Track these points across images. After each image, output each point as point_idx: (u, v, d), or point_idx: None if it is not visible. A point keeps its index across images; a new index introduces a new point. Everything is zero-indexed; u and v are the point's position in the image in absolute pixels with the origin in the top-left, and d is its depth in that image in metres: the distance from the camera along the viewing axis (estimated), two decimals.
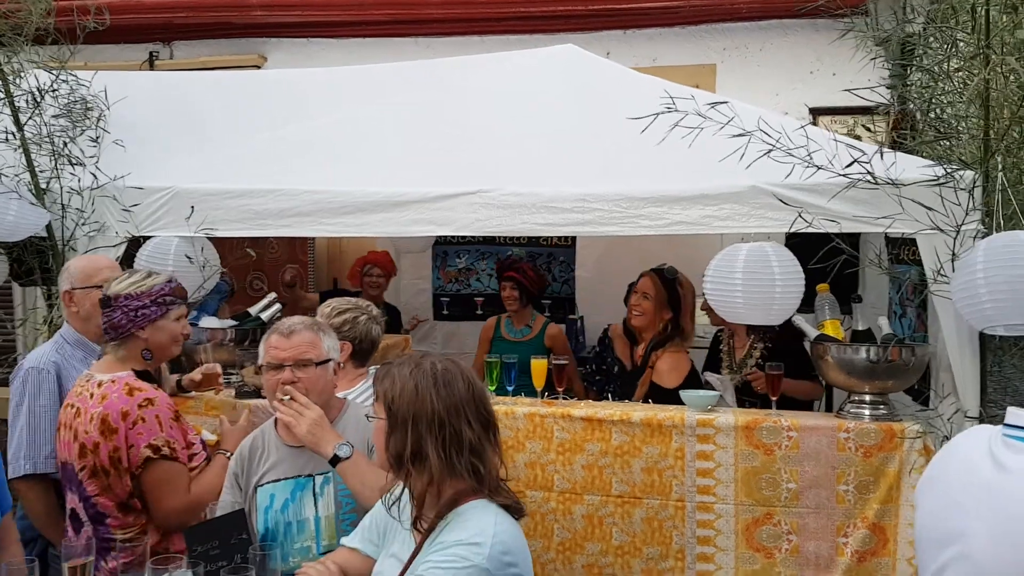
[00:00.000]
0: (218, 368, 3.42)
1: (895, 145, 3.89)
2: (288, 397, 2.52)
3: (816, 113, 6.55)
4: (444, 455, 1.93)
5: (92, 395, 2.63)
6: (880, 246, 4.11)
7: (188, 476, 2.70)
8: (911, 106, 5.14)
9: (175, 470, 2.66)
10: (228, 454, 2.79)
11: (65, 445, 2.66)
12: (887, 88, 5.66)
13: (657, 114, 3.07)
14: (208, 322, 3.87)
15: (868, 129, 5.68)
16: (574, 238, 6.13)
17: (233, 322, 3.88)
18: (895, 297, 4.27)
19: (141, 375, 2.72)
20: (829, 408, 4.35)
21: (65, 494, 2.73)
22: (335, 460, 2.46)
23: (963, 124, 3.89)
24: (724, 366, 4.14)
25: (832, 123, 6.47)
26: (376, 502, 2.29)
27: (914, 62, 5.22)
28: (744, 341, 4.10)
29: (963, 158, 3.31)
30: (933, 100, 4.13)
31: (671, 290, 4.09)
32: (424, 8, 6.58)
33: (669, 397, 3.74)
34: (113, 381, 2.64)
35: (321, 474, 2.54)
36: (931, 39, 4.72)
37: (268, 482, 2.57)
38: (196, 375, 3.44)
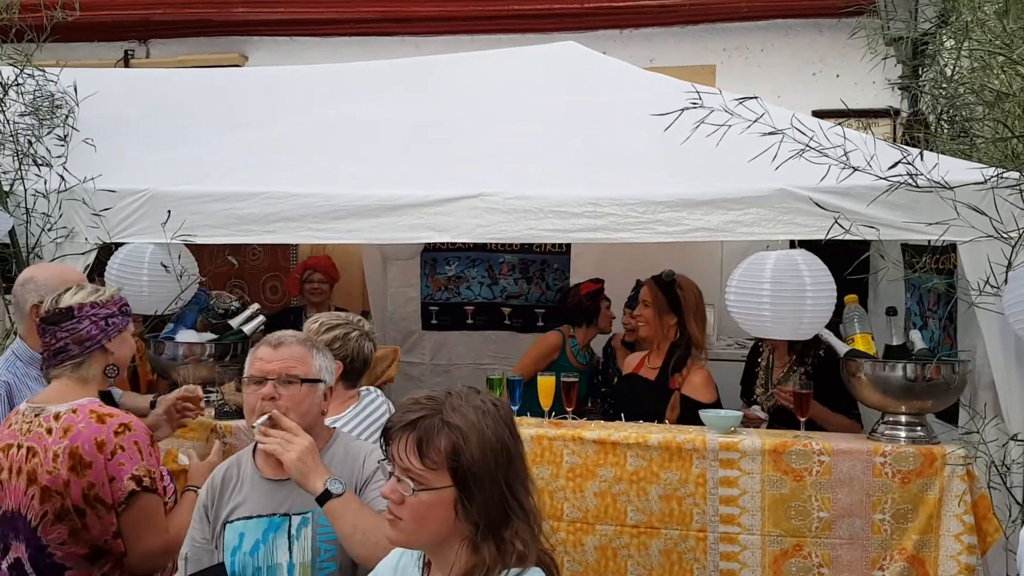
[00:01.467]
0: (199, 390, 3.12)
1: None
2: (267, 418, 2.19)
3: (819, 116, 6.34)
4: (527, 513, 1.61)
5: (51, 431, 2.32)
6: (896, 254, 3.90)
7: (164, 511, 2.41)
8: (923, 107, 4.96)
9: (156, 504, 2.38)
10: (197, 490, 2.50)
11: (12, 492, 2.33)
12: (900, 89, 5.50)
13: (683, 109, 2.83)
14: (185, 336, 3.56)
15: (867, 131, 5.50)
16: (569, 244, 5.87)
17: (213, 336, 3.58)
18: (915, 309, 4.04)
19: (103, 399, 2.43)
20: None
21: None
22: (325, 497, 2.13)
23: (980, 125, 3.69)
24: (759, 383, 3.87)
25: (835, 126, 6.28)
26: (368, 551, 2.01)
27: (927, 62, 5.05)
28: (785, 359, 3.79)
29: (1000, 159, 3.09)
30: (955, 101, 3.93)
31: (670, 294, 3.85)
32: (413, 5, 6.32)
33: None
34: (74, 411, 2.33)
35: (299, 514, 2.21)
36: (945, 39, 4.54)
37: (238, 518, 2.24)
38: (172, 398, 3.13)
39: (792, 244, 3.27)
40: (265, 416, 2.19)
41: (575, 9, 6.23)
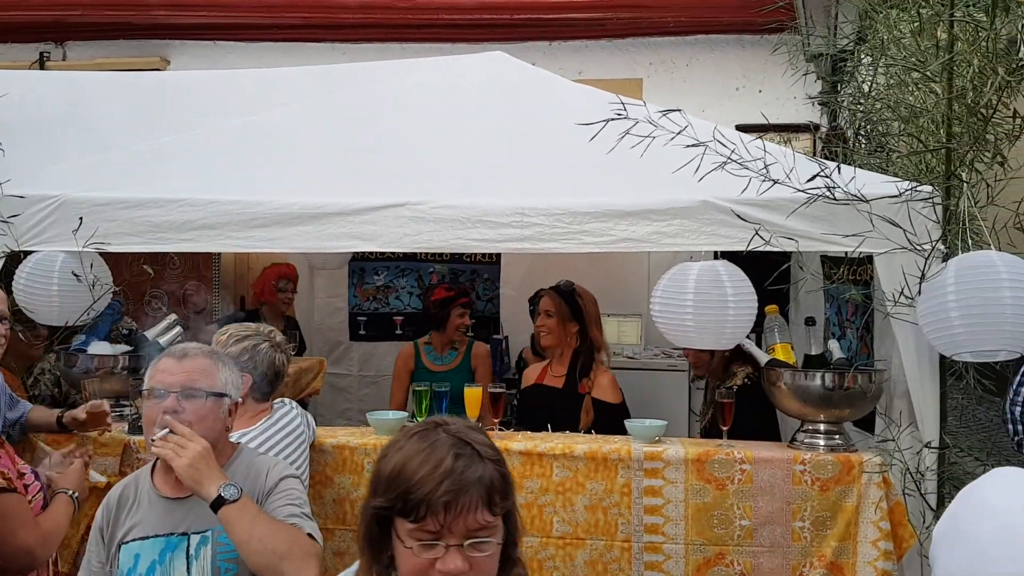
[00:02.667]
0: (105, 406, 3.00)
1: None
2: (166, 430, 2.09)
3: (742, 130, 6.46)
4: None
5: None
6: (816, 265, 3.98)
7: (30, 508, 2.31)
8: (842, 123, 5.09)
9: (16, 502, 2.27)
10: (69, 492, 2.43)
11: None
12: (819, 104, 5.64)
13: (608, 120, 2.83)
14: (98, 348, 3.43)
15: (788, 144, 5.63)
16: (499, 254, 5.86)
17: (127, 347, 3.46)
18: (833, 319, 4.14)
19: None
20: None
21: None
22: (219, 503, 2.03)
23: (896, 140, 3.80)
24: (703, 403, 3.96)
25: (756, 139, 6.41)
26: (265, 559, 1.96)
27: (845, 78, 5.19)
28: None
29: (912, 174, 3.18)
30: (869, 116, 4.04)
31: (572, 303, 3.97)
32: (341, 12, 6.24)
33: (619, 413, 3.63)
34: None
35: (198, 533, 2.12)
36: (864, 56, 4.67)
37: (134, 539, 2.14)
38: (80, 413, 3.02)
39: (716, 255, 3.32)
40: (165, 430, 2.10)
41: (505, 20, 6.24)
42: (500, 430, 3.31)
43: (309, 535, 2.09)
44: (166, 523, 2.15)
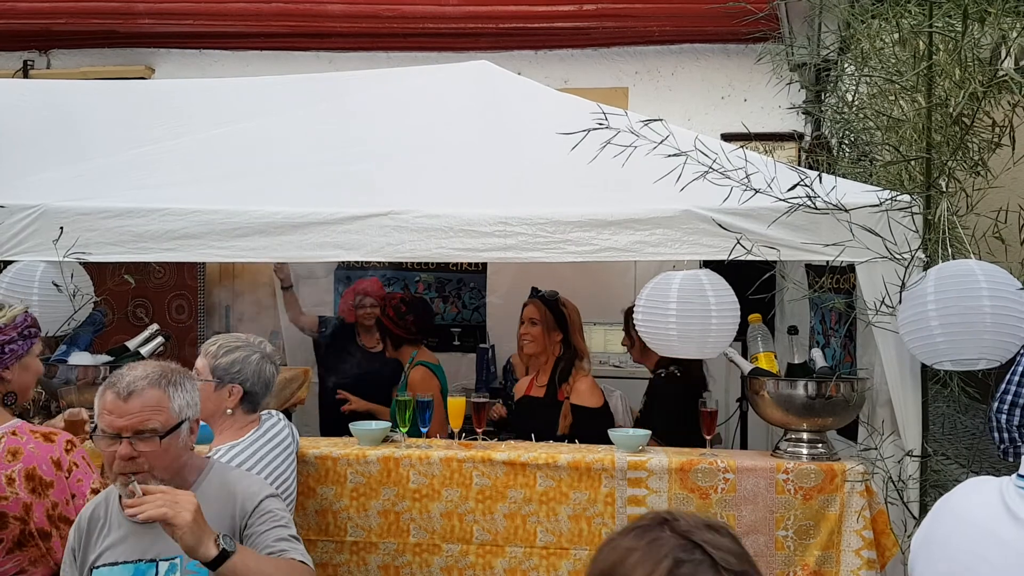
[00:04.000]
0: (84, 414, 2.98)
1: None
2: (133, 494, 1.95)
3: (727, 139, 6.49)
4: None
5: None
6: (800, 274, 3.99)
7: None
8: (826, 131, 5.11)
9: None
10: None
11: None
12: (803, 113, 5.67)
13: (589, 129, 2.84)
14: (79, 359, 3.40)
15: (769, 155, 5.66)
16: (485, 263, 5.86)
17: (108, 358, 3.43)
18: (818, 328, 4.15)
19: None
20: None
21: None
22: (222, 557, 1.91)
23: (879, 149, 3.82)
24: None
25: (739, 148, 6.43)
26: None
27: (829, 88, 5.21)
28: None
29: (895, 183, 3.19)
30: (852, 125, 4.06)
31: (556, 312, 3.99)
32: (327, 21, 6.22)
33: (598, 417, 3.65)
34: (13, 432, 2.24)
35: (167, 560, 2.07)
36: (847, 66, 4.69)
37: (104, 564, 2.10)
38: (58, 421, 2.99)
39: (701, 264, 3.32)
40: (135, 484, 1.97)
41: (491, 29, 6.24)
42: (484, 439, 3.30)
43: (301, 562, 2.07)
44: (135, 549, 2.11)
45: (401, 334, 4.39)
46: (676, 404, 3.76)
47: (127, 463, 2.01)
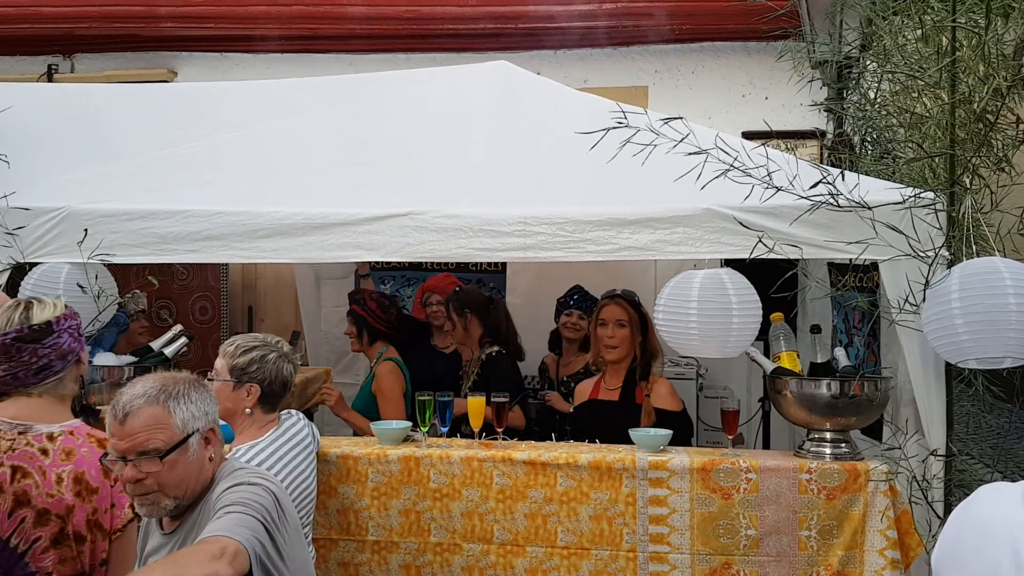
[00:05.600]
0: None
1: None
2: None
3: (748, 137, 6.45)
4: None
5: (46, 451, 2.21)
6: (823, 273, 3.96)
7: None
8: (848, 129, 5.07)
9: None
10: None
11: None
12: (825, 111, 5.62)
13: (608, 128, 2.83)
14: (104, 359, 3.44)
15: (791, 153, 5.62)
16: (504, 264, 5.85)
17: (132, 359, 3.47)
18: (841, 326, 4.12)
19: None
20: None
21: None
22: None
23: (902, 147, 3.78)
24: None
25: (760, 146, 6.39)
26: None
27: (851, 85, 5.17)
28: None
29: (918, 180, 3.16)
30: (874, 122, 4.02)
31: (640, 312, 3.76)
32: (347, 23, 6.24)
33: (678, 421, 3.51)
34: (71, 432, 2.25)
35: None
36: (868, 63, 4.65)
37: None
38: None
39: (722, 263, 3.30)
40: None
41: (510, 29, 6.23)
42: (504, 439, 3.30)
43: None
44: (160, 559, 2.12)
45: (381, 328, 4.37)
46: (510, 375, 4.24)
47: (135, 485, 1.97)
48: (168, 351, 3.46)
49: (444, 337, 4.88)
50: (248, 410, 2.66)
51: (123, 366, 3.42)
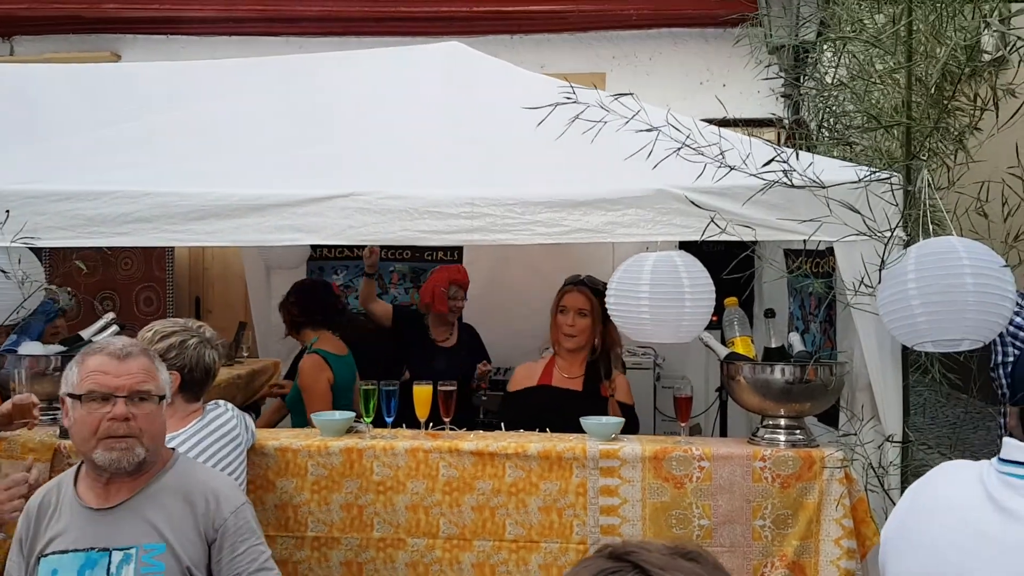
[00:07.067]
0: (33, 398, 2.84)
1: None
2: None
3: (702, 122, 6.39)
4: None
5: None
6: (779, 257, 3.89)
7: None
8: (805, 115, 5.02)
9: None
10: None
11: None
12: (782, 97, 5.57)
13: (556, 104, 2.72)
14: (30, 348, 3.27)
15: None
16: (460, 251, 5.73)
17: (60, 348, 3.30)
18: (797, 313, 4.05)
19: None
20: None
21: None
22: None
23: (860, 133, 3.72)
24: None
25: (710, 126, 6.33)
26: None
27: (808, 71, 5.12)
28: None
29: (874, 162, 3.09)
30: (831, 107, 3.96)
31: (602, 301, 3.47)
32: (297, 5, 6.10)
33: (633, 415, 3.49)
34: None
35: (121, 549, 1.98)
36: (825, 48, 4.60)
37: (53, 552, 2.00)
38: (6, 405, 2.85)
39: (678, 245, 3.20)
40: None
41: (464, 13, 6.12)
42: (452, 429, 3.18)
43: None
44: (87, 536, 2.00)
45: (300, 318, 4.19)
46: None
47: (119, 424, 1.98)
48: (99, 340, 3.28)
49: (443, 331, 4.68)
50: (168, 399, 2.51)
51: (50, 355, 3.24)
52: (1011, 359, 3.77)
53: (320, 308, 4.21)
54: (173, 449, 2.21)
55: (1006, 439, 1.30)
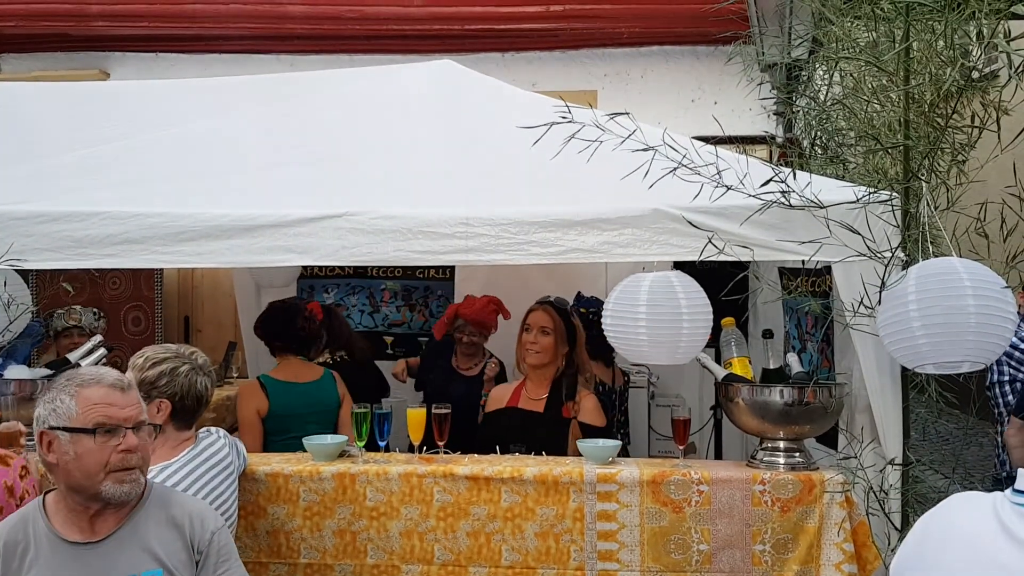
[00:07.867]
0: (20, 426, 2.78)
1: None
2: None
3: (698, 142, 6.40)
4: None
5: None
6: (774, 276, 3.87)
7: None
8: (798, 132, 5.02)
9: None
10: None
11: None
12: (775, 115, 5.57)
13: (551, 123, 2.69)
14: (15, 372, 3.20)
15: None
16: (452, 270, 5.68)
17: (47, 371, 3.23)
18: (793, 332, 4.03)
19: None
20: None
21: None
22: None
23: (855, 149, 3.71)
24: None
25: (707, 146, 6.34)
26: None
27: (800, 88, 5.12)
28: None
29: (873, 183, 3.07)
30: (824, 124, 3.96)
31: (568, 322, 3.63)
32: (288, 23, 6.07)
33: (605, 436, 3.34)
34: None
35: None
36: (818, 65, 4.60)
37: None
38: None
39: (674, 266, 3.17)
40: None
41: (456, 31, 6.11)
42: (446, 452, 3.13)
43: None
44: (78, 573, 1.94)
45: (271, 342, 4.04)
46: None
47: (131, 455, 1.98)
48: (85, 363, 3.22)
49: (467, 360, 4.51)
50: (160, 428, 2.45)
51: (36, 379, 3.18)
52: (1007, 378, 3.75)
53: (278, 334, 3.98)
54: (147, 481, 2.14)
55: (1020, 470, 1.27)
